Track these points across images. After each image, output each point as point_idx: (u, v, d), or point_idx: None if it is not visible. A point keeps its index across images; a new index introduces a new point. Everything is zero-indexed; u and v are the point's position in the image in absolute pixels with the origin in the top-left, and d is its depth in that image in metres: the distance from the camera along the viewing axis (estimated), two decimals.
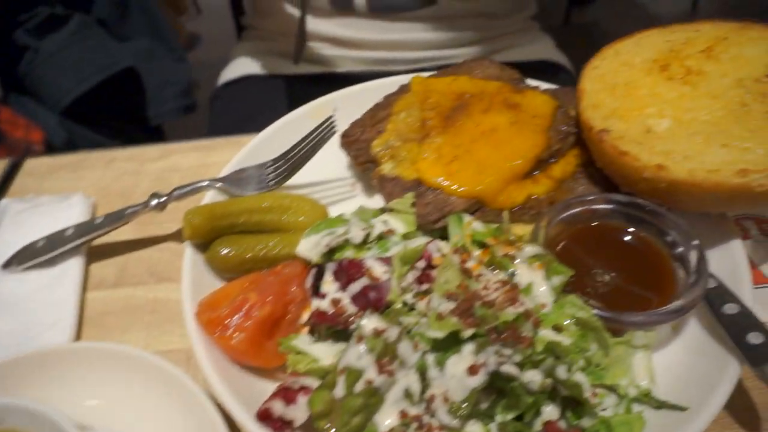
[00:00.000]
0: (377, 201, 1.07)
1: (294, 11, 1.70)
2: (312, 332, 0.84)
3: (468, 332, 0.69)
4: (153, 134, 2.21)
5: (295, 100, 1.79)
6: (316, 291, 0.85)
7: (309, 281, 0.86)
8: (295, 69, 1.78)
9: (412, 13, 1.69)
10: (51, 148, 1.72)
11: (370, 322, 0.69)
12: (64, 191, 1.20)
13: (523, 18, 1.93)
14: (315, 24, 1.75)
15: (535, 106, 1.02)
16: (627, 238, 0.91)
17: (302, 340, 0.80)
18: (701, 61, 0.94)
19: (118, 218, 1.02)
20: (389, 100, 1.12)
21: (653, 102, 0.91)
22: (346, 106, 1.19)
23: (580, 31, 4.23)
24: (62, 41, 1.80)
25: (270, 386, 0.79)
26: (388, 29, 1.72)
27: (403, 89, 1.13)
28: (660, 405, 0.75)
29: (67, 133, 1.78)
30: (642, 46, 1.00)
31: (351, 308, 0.81)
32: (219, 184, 1.02)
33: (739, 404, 0.82)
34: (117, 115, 2.06)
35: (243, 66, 1.93)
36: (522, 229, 0.92)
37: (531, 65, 1.87)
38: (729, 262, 0.87)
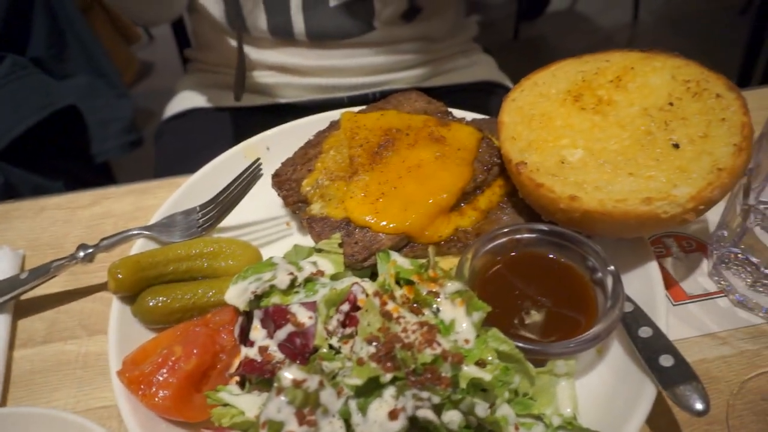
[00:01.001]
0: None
1: (235, 43, 1.71)
2: (243, 382, 0.84)
3: (387, 377, 0.69)
4: (100, 172, 2.17)
5: (240, 133, 1.79)
6: (245, 339, 0.85)
7: (236, 330, 0.86)
8: (239, 101, 1.78)
9: (351, 40, 1.71)
10: None
11: (288, 373, 0.69)
12: None
13: (463, 40, 1.98)
14: (257, 53, 1.76)
15: (459, 139, 1.04)
16: (551, 265, 0.94)
17: (229, 392, 0.79)
18: (611, 90, 0.98)
19: (44, 272, 0.99)
20: (320, 138, 1.13)
21: (567, 133, 0.94)
22: (280, 142, 1.20)
23: (529, 46, 4.36)
24: None
25: None
26: (329, 56, 1.74)
27: (334, 126, 1.15)
28: None
29: (4, 178, 1.72)
30: (557, 77, 1.04)
31: (278, 355, 0.81)
32: (147, 232, 1.01)
33: (662, 422, 0.84)
34: (60, 155, 2.01)
35: (187, 99, 1.92)
36: (450, 263, 0.94)
37: (473, 86, 1.91)
38: (646, 284, 0.91)
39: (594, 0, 4.68)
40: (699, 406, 0.72)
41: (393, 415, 0.68)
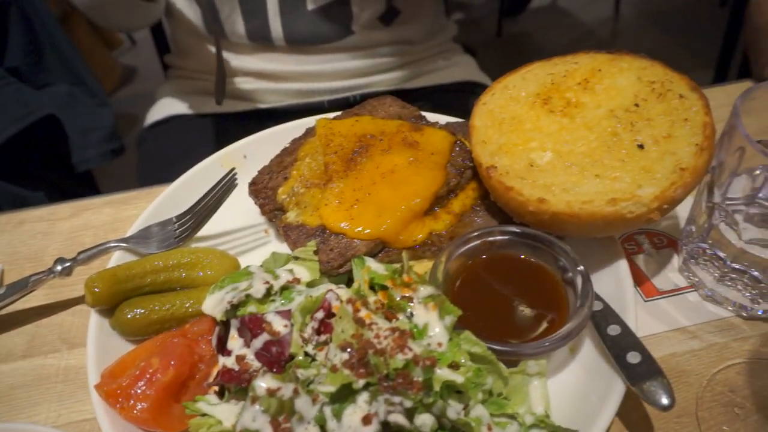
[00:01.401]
0: None
1: (213, 49, 1.71)
2: (222, 391, 0.85)
3: (360, 383, 0.71)
4: (82, 181, 2.16)
5: (222, 139, 1.79)
6: (222, 348, 0.86)
7: (214, 339, 0.87)
8: (220, 107, 1.78)
9: (330, 45, 1.72)
10: None
11: (262, 382, 0.70)
12: None
13: (442, 41, 1.99)
14: (236, 60, 1.76)
15: (433, 143, 1.06)
16: (524, 266, 0.95)
17: (207, 402, 0.80)
18: (579, 93, 1.00)
19: (21, 287, 1.00)
20: (295, 145, 1.13)
21: (536, 136, 0.96)
22: (256, 150, 1.21)
23: (512, 42, 4.38)
24: None
25: None
26: (309, 61, 1.75)
27: (309, 133, 1.16)
28: (554, 430, 0.78)
29: None
30: (527, 80, 1.06)
31: (255, 364, 0.82)
32: (125, 245, 1.01)
33: (634, 416, 0.87)
34: (41, 165, 2.00)
35: (168, 106, 1.92)
36: (424, 267, 0.95)
37: (454, 87, 1.93)
38: (616, 282, 0.92)
39: None
40: (664, 401, 0.74)
41: (366, 420, 0.69)
